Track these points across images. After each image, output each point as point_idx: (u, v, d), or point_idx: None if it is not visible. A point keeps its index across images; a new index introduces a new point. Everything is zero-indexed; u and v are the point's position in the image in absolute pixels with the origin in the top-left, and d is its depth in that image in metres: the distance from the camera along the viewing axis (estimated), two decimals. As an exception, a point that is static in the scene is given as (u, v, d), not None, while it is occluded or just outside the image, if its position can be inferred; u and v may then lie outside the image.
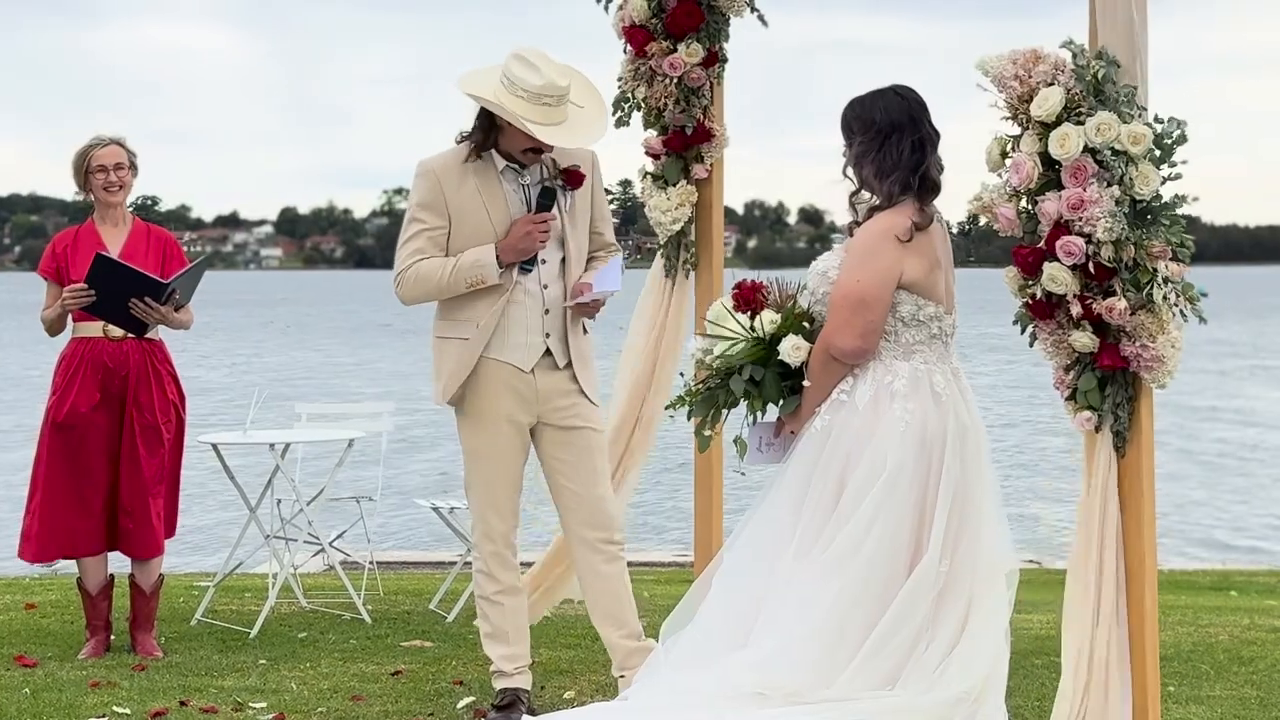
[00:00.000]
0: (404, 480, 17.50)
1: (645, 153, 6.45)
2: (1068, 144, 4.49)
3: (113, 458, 6.68)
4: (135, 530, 6.70)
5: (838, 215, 5.00)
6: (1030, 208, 4.63)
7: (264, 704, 5.76)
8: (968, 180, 4.79)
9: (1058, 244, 4.53)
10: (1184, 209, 4.55)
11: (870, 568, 4.59)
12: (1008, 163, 4.66)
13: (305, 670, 6.38)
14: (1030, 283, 4.64)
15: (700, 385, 4.93)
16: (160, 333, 6.80)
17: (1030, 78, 4.58)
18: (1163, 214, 4.52)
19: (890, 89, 4.80)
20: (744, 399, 4.83)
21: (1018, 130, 4.64)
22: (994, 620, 4.64)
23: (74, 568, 6.89)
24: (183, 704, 5.76)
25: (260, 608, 7.47)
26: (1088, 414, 4.66)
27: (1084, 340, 4.60)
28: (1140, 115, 4.53)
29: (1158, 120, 4.53)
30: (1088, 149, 4.49)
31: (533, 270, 5.49)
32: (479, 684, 5.99)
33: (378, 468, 8.35)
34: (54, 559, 6.86)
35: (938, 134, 4.79)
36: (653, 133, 6.40)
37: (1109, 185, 4.49)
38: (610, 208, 5.84)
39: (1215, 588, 10.28)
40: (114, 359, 6.68)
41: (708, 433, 4.98)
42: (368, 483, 8.78)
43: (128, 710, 5.66)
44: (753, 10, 6.36)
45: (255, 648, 6.87)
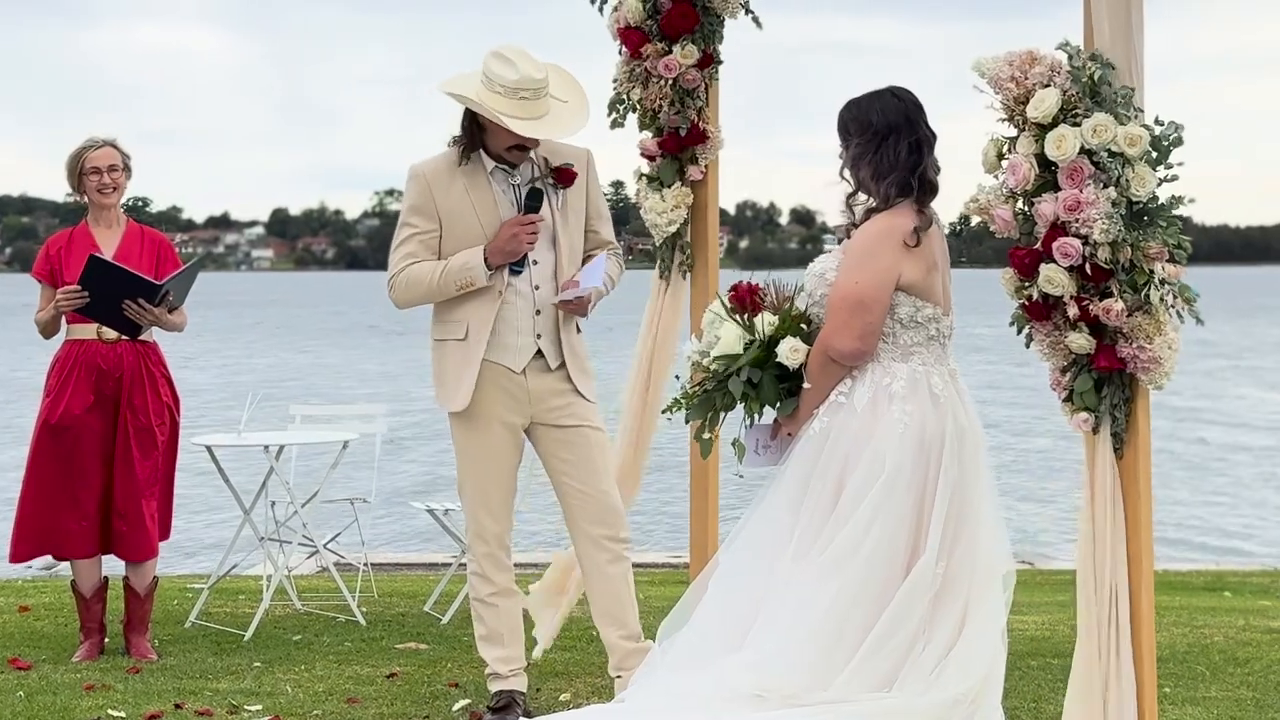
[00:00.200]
0: (395, 482, 17.48)
1: (640, 154, 6.43)
2: (1064, 145, 4.48)
3: (106, 460, 6.67)
4: (129, 533, 6.69)
5: (829, 217, 5.00)
6: (1027, 209, 4.62)
7: (259, 707, 5.75)
8: (961, 180, 4.79)
9: (1054, 245, 4.52)
10: (1180, 210, 4.55)
11: (868, 569, 4.58)
12: (1004, 164, 4.65)
13: (300, 673, 6.36)
14: (1027, 284, 4.63)
15: (696, 388, 4.91)
16: (154, 335, 6.79)
17: (1026, 79, 4.57)
18: (1159, 215, 4.51)
19: (887, 90, 4.80)
20: (741, 401, 4.82)
21: (1014, 132, 4.64)
22: (991, 622, 4.63)
23: (68, 570, 6.88)
24: (177, 707, 5.74)
25: (255, 610, 7.45)
26: (1085, 415, 4.65)
27: (1081, 342, 4.60)
28: (1137, 117, 4.53)
29: (1157, 123, 4.53)
30: (1084, 150, 4.48)
31: (523, 271, 5.47)
32: (474, 686, 5.98)
33: (370, 469, 8.34)
34: (33, 558, 6.83)
35: (935, 135, 4.78)
36: (648, 134, 6.38)
37: (1105, 187, 4.48)
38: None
39: (1209, 588, 10.28)
40: (108, 361, 6.66)
41: (707, 436, 4.97)
42: (361, 484, 8.75)
43: (122, 713, 5.65)
44: (747, 12, 6.34)
45: (250, 650, 6.86)
